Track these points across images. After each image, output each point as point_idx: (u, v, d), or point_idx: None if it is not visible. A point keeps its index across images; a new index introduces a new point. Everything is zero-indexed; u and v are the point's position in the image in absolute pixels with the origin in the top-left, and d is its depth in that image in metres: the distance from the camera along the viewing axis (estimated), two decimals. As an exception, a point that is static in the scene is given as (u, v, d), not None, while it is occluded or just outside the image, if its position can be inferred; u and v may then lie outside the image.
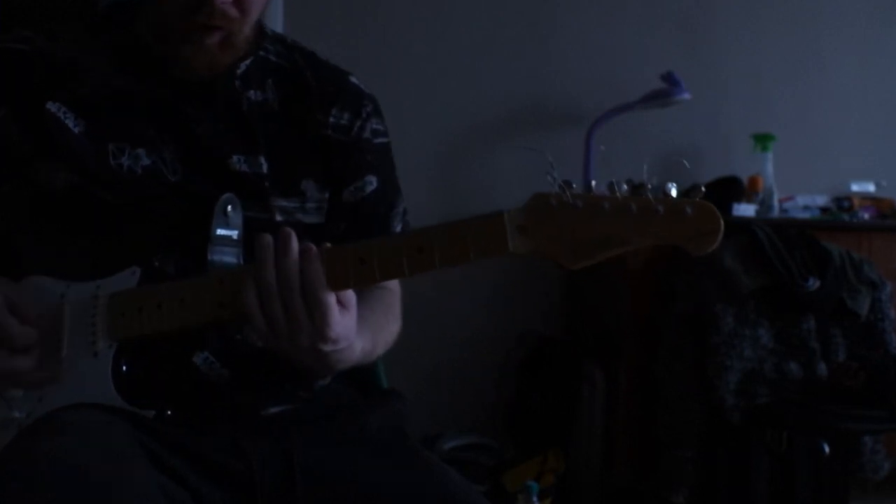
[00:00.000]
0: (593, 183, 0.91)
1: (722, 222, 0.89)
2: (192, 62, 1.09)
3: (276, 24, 2.64)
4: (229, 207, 1.08)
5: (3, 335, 1.02)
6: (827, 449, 2.32)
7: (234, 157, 1.12)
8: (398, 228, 1.24)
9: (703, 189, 0.90)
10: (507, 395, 2.91)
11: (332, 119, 1.18)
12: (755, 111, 3.07)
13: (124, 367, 1.05)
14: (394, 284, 1.23)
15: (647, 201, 0.89)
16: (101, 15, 1.18)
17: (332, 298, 0.95)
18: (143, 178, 1.09)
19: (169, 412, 1.04)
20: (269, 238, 0.97)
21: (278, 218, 1.13)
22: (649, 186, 0.88)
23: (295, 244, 0.96)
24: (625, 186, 0.88)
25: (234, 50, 1.11)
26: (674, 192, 0.91)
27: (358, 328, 1.01)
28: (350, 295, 0.98)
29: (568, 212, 0.91)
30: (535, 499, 2.30)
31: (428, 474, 1.08)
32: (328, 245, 0.97)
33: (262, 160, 1.13)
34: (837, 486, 2.42)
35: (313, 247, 0.96)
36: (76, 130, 1.09)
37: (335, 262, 0.96)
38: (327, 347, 0.97)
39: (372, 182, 1.21)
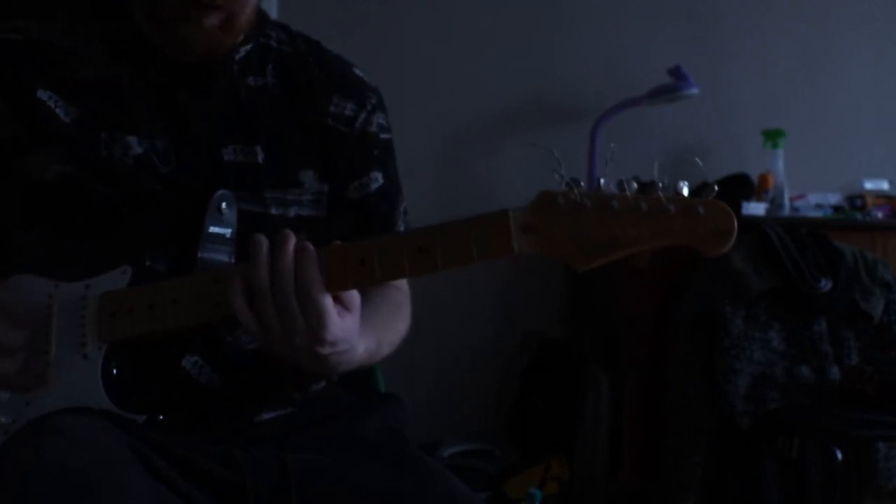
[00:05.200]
0: (602, 181, 0.88)
1: (736, 222, 0.86)
2: (192, 43, 1.06)
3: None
4: (224, 204, 1.05)
5: None
6: (839, 455, 2.26)
7: (229, 147, 1.10)
8: (402, 227, 1.22)
9: (715, 188, 0.87)
10: (510, 400, 2.88)
11: (332, 107, 1.16)
12: (765, 106, 3.02)
13: (115, 371, 1.02)
14: (402, 283, 1.21)
15: (658, 200, 0.86)
16: (94, 2, 1.15)
17: (328, 300, 0.92)
18: (134, 169, 1.06)
19: (161, 417, 1.01)
20: (263, 238, 0.93)
21: (273, 210, 1.10)
22: (660, 185, 0.85)
23: (291, 245, 0.92)
24: (634, 185, 0.86)
25: (235, 32, 1.09)
26: (685, 192, 0.88)
27: (362, 328, 0.98)
28: (353, 296, 0.95)
29: (576, 211, 0.88)
30: (538, 506, 2.28)
31: (428, 478, 1.07)
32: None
33: (259, 150, 1.11)
34: (850, 493, 2.38)
35: (310, 246, 0.93)
36: (67, 119, 1.07)
37: (333, 263, 0.93)
38: (325, 350, 0.94)
39: (378, 179, 1.19)
